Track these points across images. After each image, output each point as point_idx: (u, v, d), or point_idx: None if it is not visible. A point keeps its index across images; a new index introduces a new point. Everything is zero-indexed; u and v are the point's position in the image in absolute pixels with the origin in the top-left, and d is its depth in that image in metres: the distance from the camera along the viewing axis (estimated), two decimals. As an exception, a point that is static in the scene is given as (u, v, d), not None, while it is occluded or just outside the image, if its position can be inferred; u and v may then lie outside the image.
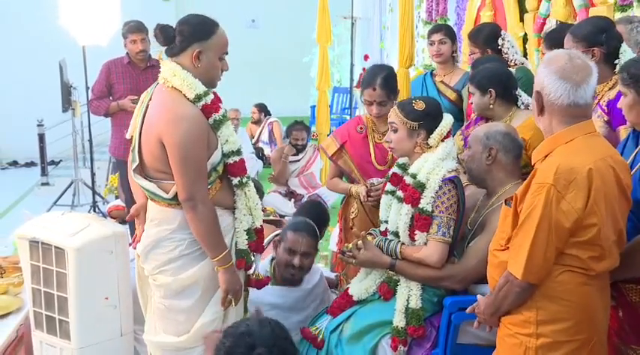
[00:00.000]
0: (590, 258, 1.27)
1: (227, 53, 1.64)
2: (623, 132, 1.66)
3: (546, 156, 1.30)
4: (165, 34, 1.59)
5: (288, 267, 2.02)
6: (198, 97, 1.58)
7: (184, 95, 1.58)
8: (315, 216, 2.36)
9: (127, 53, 3.20)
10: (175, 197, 1.60)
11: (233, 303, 1.65)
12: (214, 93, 1.64)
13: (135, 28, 3.15)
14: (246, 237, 1.68)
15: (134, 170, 1.65)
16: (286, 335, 1.34)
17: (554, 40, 2.00)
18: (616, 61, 1.70)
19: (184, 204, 1.58)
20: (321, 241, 2.55)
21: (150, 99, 1.65)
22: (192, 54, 1.58)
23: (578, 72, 1.29)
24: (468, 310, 1.48)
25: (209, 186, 1.61)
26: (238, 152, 1.65)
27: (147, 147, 1.62)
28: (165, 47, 1.62)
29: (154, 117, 1.60)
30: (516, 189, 1.63)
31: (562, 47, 1.88)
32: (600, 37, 1.70)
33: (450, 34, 2.62)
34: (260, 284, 1.80)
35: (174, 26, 1.60)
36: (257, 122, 5.77)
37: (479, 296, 1.46)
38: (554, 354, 1.29)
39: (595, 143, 1.32)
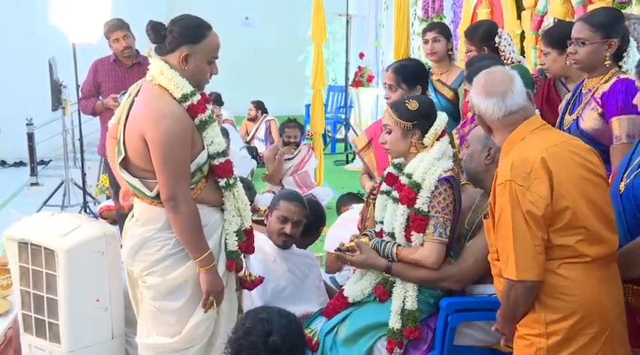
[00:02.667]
0: (579, 242, 1.27)
1: (217, 57, 1.63)
2: (616, 123, 1.67)
3: None
4: (156, 31, 1.58)
5: (280, 235, 2.08)
6: (185, 97, 1.57)
7: (171, 94, 1.56)
8: (312, 215, 2.34)
9: (114, 52, 3.18)
10: (159, 195, 1.58)
11: (215, 305, 1.63)
12: (202, 94, 1.62)
13: (115, 27, 3.11)
14: (236, 238, 1.67)
15: (120, 164, 1.64)
16: (300, 329, 1.51)
17: (552, 37, 1.99)
18: (624, 54, 1.70)
19: (166, 204, 1.57)
20: (316, 242, 2.54)
21: (137, 95, 1.63)
22: (180, 56, 1.57)
23: (498, 84, 1.36)
24: (492, 329, 1.45)
25: (193, 186, 1.61)
26: (224, 153, 1.63)
27: (130, 144, 1.61)
28: (155, 45, 1.60)
29: (137, 114, 1.59)
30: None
31: (561, 44, 1.87)
32: (619, 28, 1.69)
33: (444, 32, 2.60)
34: (253, 285, 1.79)
35: (166, 24, 1.59)
36: (253, 119, 5.73)
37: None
38: (567, 351, 1.28)
39: (546, 134, 1.35)
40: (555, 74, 2.07)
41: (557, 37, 1.91)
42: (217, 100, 5.53)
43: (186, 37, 1.56)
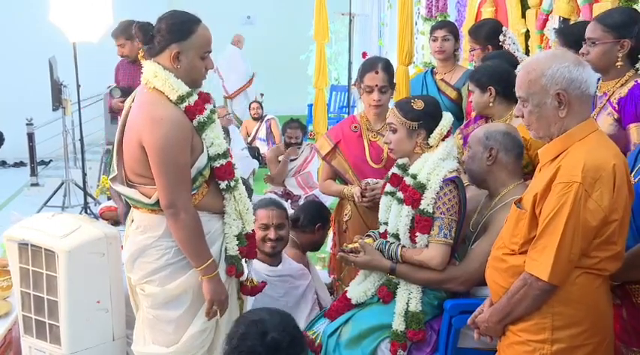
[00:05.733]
0: (607, 258, 1.26)
1: (210, 51, 1.58)
2: (634, 130, 1.63)
3: (557, 156, 1.27)
4: (144, 32, 1.54)
5: (266, 242, 2.07)
6: (181, 99, 1.52)
7: (167, 96, 1.52)
8: (315, 212, 2.31)
9: None
10: (158, 202, 1.54)
11: (218, 314, 1.60)
12: (200, 94, 1.57)
13: (116, 33, 3.14)
14: (237, 242, 1.63)
15: (112, 179, 1.62)
16: (294, 323, 1.47)
17: (568, 37, 1.93)
18: (639, 56, 1.67)
19: (166, 212, 1.53)
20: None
21: (133, 101, 1.60)
22: (171, 55, 1.52)
23: (585, 61, 1.30)
24: (468, 321, 1.45)
25: (195, 191, 1.57)
26: (225, 155, 1.59)
27: (128, 150, 1.57)
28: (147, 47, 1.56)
29: (134, 120, 1.55)
30: (519, 190, 1.61)
31: (577, 44, 1.83)
32: (632, 29, 1.65)
33: (454, 32, 2.59)
34: (254, 291, 1.75)
35: (154, 24, 1.54)
36: (259, 118, 5.72)
37: (480, 307, 1.43)
38: None
39: (607, 140, 1.31)
40: None
41: (573, 37, 1.86)
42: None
43: (174, 34, 1.51)
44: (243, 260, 1.69)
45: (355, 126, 2.12)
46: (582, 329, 1.27)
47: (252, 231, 1.69)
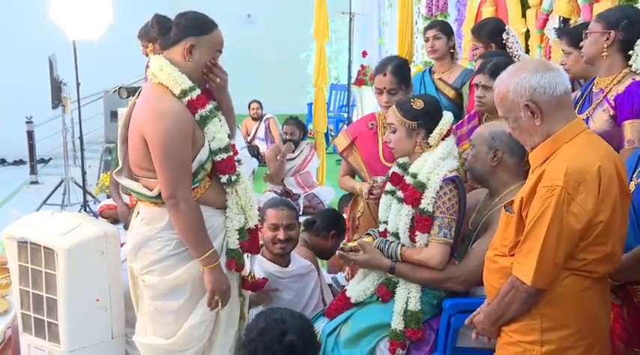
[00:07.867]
0: (595, 260, 1.25)
1: (221, 52, 1.62)
2: (628, 127, 1.64)
3: (546, 160, 1.27)
4: (160, 24, 1.58)
5: (275, 243, 2.04)
6: (184, 92, 1.55)
7: (170, 90, 1.55)
8: (332, 220, 2.30)
9: None
10: (160, 195, 1.57)
11: (220, 305, 1.61)
12: (204, 90, 1.60)
13: (139, 35, 3.04)
14: (238, 236, 1.64)
15: (117, 172, 1.64)
16: (313, 330, 1.51)
17: (574, 37, 1.91)
18: (630, 52, 1.66)
19: (167, 202, 1.56)
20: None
21: (137, 97, 1.63)
22: (185, 47, 1.55)
23: (551, 64, 1.29)
24: (466, 321, 1.46)
25: (197, 185, 1.59)
26: (226, 149, 1.61)
27: (132, 144, 1.60)
28: (158, 41, 1.60)
29: (138, 114, 1.58)
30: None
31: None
32: (621, 22, 1.66)
33: (445, 30, 2.58)
34: (256, 286, 1.76)
35: (172, 19, 1.58)
36: (259, 118, 5.73)
37: (479, 307, 1.43)
38: None
39: (596, 140, 1.31)
40: (575, 75, 1.98)
41: (578, 37, 1.84)
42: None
43: (193, 28, 1.56)
44: (246, 255, 1.70)
45: (372, 124, 2.13)
46: (572, 331, 1.26)
47: (256, 226, 1.71)
